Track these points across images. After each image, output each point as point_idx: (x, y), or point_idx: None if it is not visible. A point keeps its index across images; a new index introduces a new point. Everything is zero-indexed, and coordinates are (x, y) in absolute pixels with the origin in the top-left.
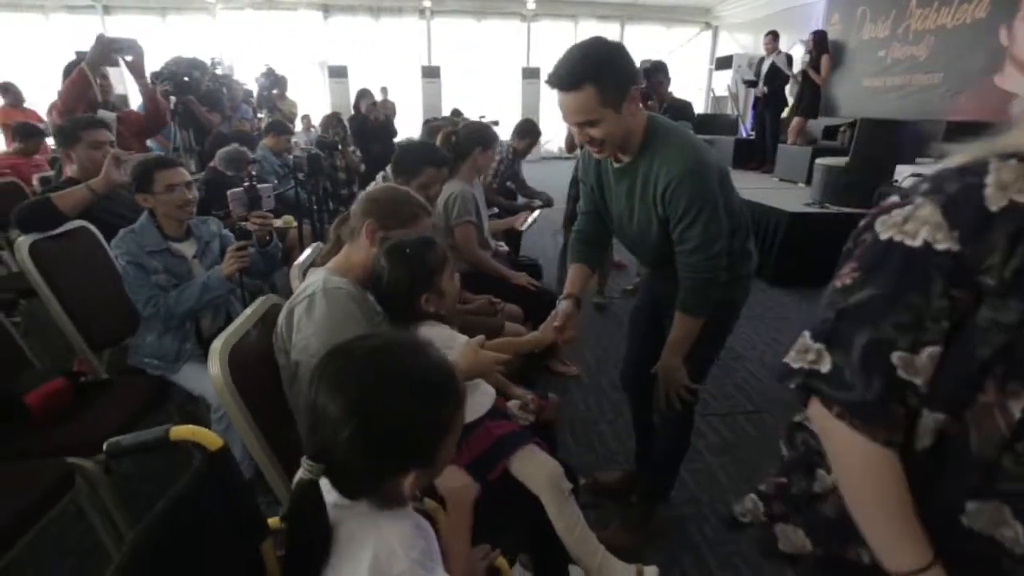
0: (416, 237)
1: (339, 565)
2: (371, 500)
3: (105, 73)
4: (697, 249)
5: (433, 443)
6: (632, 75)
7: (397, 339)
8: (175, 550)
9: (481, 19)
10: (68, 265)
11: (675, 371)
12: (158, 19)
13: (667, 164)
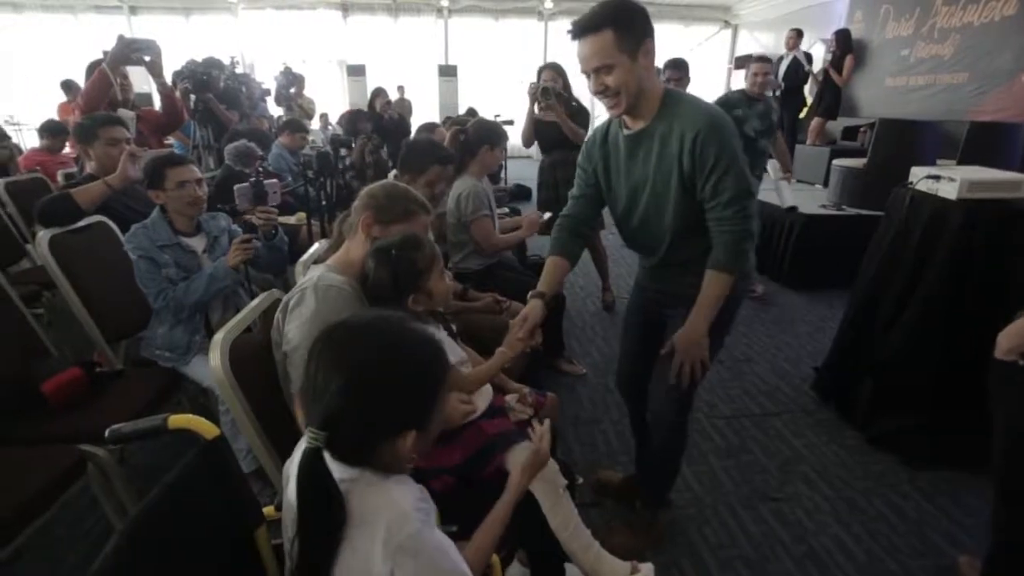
0: (404, 236)
1: (355, 536)
2: (374, 468)
3: (125, 73)
4: (733, 199)
5: (426, 406)
6: (648, 30)
7: (385, 316)
8: (168, 535)
9: (499, 18)
10: (86, 259)
11: (700, 339)
12: (182, 19)
13: (690, 119)
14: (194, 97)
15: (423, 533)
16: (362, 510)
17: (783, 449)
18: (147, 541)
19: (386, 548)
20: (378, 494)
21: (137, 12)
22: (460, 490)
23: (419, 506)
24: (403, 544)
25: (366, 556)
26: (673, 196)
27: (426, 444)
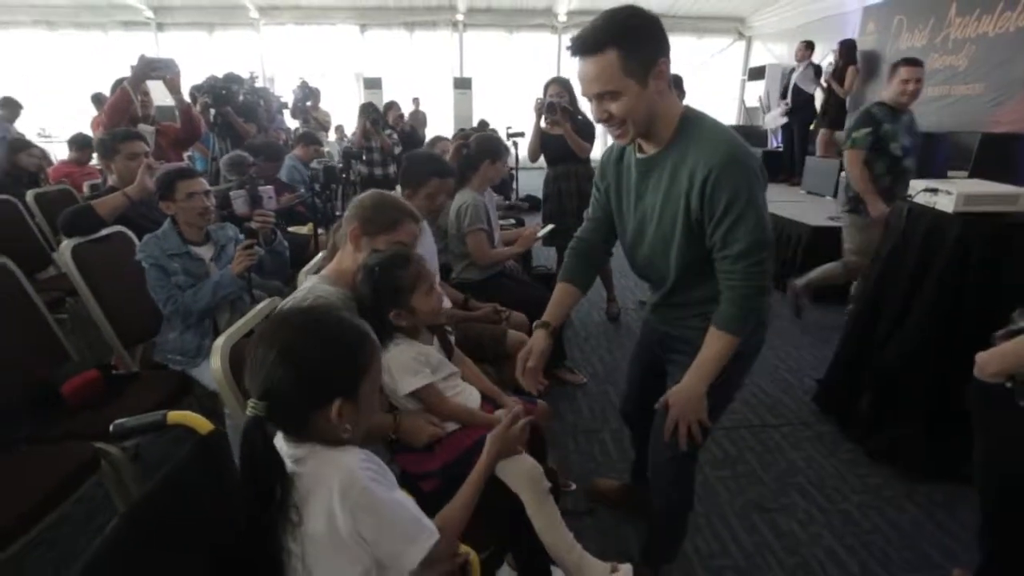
0: (393, 253)
1: (313, 502)
2: (319, 441)
3: (147, 90)
4: (746, 252)
5: (348, 379)
6: (662, 47)
7: (320, 306)
8: (165, 521)
9: (513, 31)
10: (105, 267)
11: (696, 400)
12: (205, 34)
13: (706, 152)
14: (213, 110)
15: (372, 489)
16: (315, 478)
17: (780, 461)
18: (145, 525)
19: (344, 508)
20: (326, 462)
21: (164, 28)
22: (447, 490)
23: (365, 465)
24: (358, 501)
25: (328, 518)
26: (678, 238)
27: (359, 417)
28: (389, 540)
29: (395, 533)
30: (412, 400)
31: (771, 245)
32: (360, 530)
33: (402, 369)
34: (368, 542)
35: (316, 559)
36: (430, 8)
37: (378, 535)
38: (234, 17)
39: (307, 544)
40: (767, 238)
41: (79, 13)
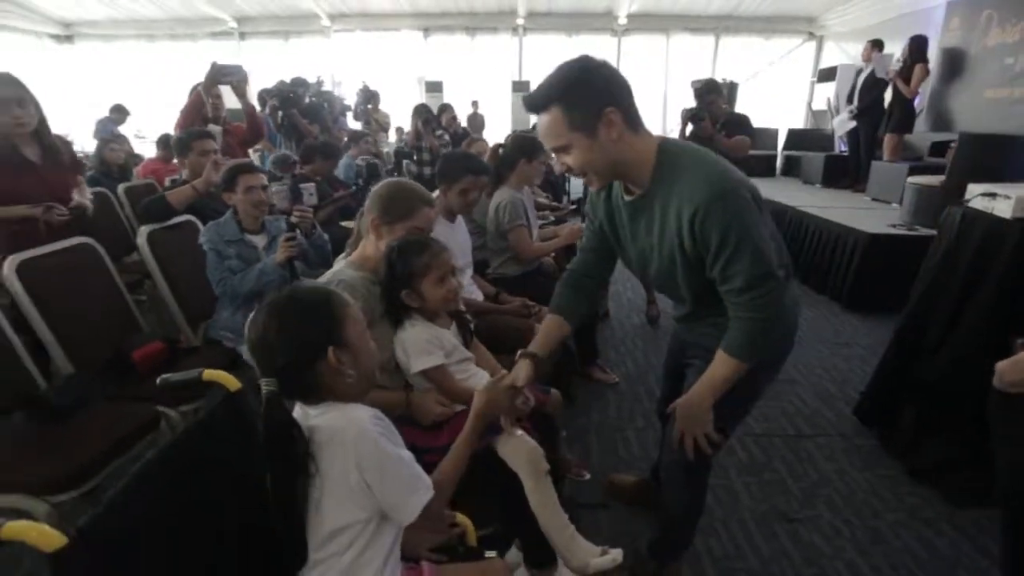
0: (411, 240)
1: (326, 453)
2: (331, 399)
3: (219, 93)
4: (749, 286)
5: (332, 329)
6: (608, 96)
7: (298, 285)
8: (192, 463)
9: (572, 35)
10: (174, 251)
11: (702, 413)
12: (282, 41)
13: (689, 190)
14: (280, 112)
15: (381, 443)
16: (330, 431)
17: (811, 472)
18: (176, 460)
19: (354, 458)
20: (340, 417)
21: (245, 37)
22: None
23: (375, 422)
24: (368, 453)
25: (342, 468)
26: (681, 273)
27: (358, 360)
28: (392, 491)
29: (397, 485)
30: (423, 379)
31: (774, 277)
32: (367, 479)
33: (416, 348)
34: (374, 491)
35: (328, 504)
36: (491, 13)
37: (382, 485)
38: (308, 25)
39: (321, 491)
40: (768, 269)
41: (174, 26)
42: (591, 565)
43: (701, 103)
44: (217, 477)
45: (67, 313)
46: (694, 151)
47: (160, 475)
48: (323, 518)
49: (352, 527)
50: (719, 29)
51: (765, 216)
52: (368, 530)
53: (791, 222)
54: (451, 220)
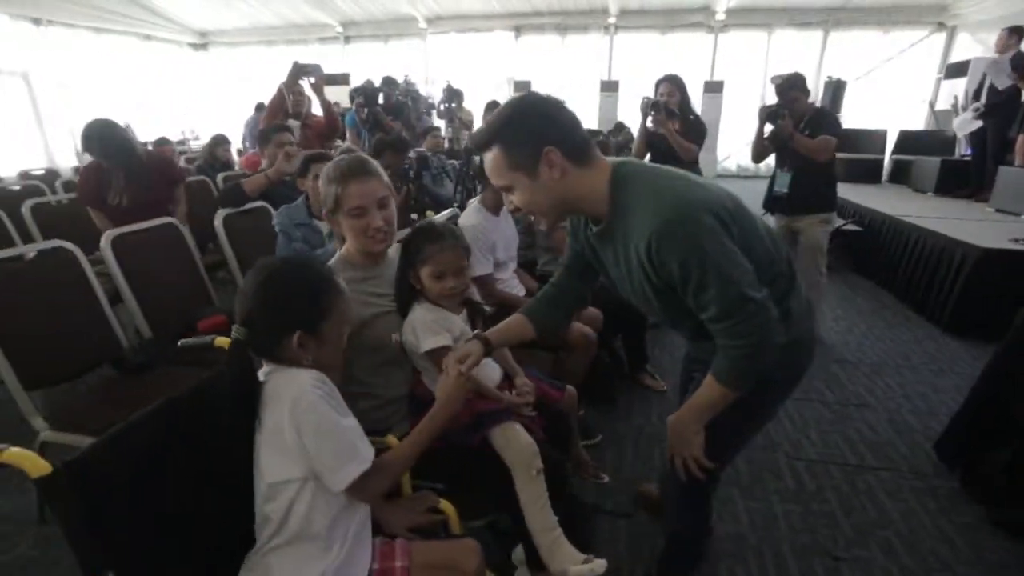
0: (430, 227)
1: (269, 411)
2: (282, 361)
3: (300, 90)
4: (723, 314)
5: (311, 316)
6: (545, 135)
7: (300, 256)
8: (198, 412)
9: (666, 32)
10: (247, 233)
11: (690, 436)
12: (382, 44)
13: (640, 222)
14: (366, 109)
15: (318, 405)
16: (275, 389)
17: (867, 508)
18: (183, 410)
19: (291, 416)
20: (284, 377)
21: (349, 41)
22: (449, 455)
23: (316, 384)
24: (304, 412)
25: (278, 423)
26: (656, 303)
27: (322, 352)
28: (325, 455)
29: (331, 450)
30: (429, 360)
31: (751, 300)
32: (303, 439)
33: (425, 329)
34: (308, 452)
35: (265, 456)
36: (582, 12)
37: (316, 447)
38: (406, 28)
39: (261, 444)
40: (740, 294)
41: (289, 32)
42: (570, 572)
43: (783, 100)
44: (208, 439)
45: (149, 284)
46: (648, 175)
47: (152, 429)
48: (262, 471)
49: (289, 484)
50: (829, 23)
51: (752, 234)
52: (307, 491)
53: (889, 233)
54: (495, 213)
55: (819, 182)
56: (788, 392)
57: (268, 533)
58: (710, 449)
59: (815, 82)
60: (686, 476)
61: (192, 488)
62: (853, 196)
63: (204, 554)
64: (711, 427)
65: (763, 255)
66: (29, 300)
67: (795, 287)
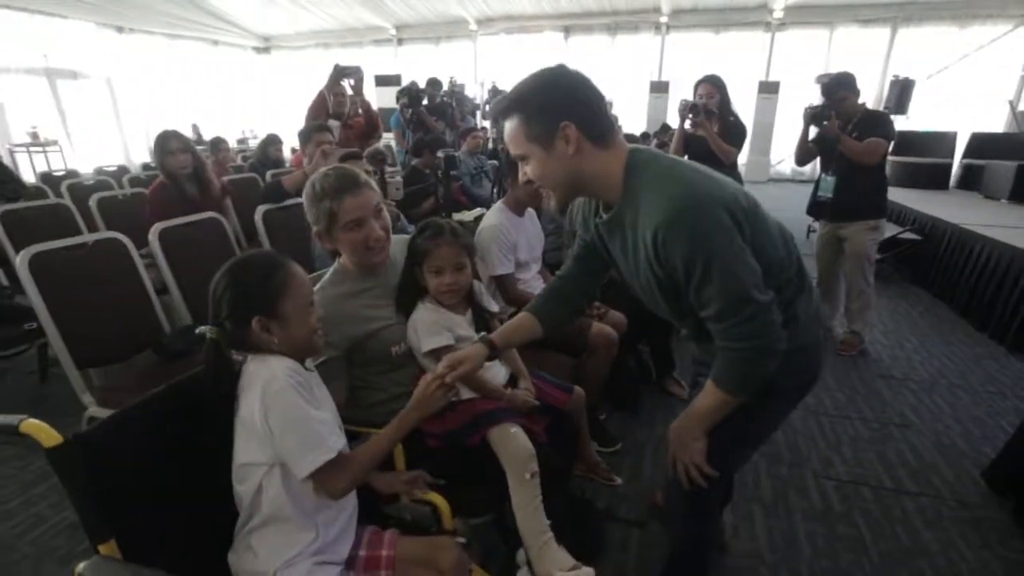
0: (433, 224)
1: (245, 394)
2: (258, 351)
3: (341, 91)
4: (724, 313)
5: (264, 300)
6: (565, 110)
7: (241, 255)
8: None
9: (720, 31)
10: (284, 229)
11: (691, 441)
12: (433, 46)
13: (650, 210)
14: (410, 110)
15: (287, 392)
16: (251, 375)
17: (900, 535)
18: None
19: (262, 401)
20: (259, 365)
21: (402, 43)
22: (449, 452)
23: (290, 372)
24: (274, 397)
25: (250, 408)
26: (660, 298)
27: (287, 331)
28: (289, 441)
29: (295, 437)
30: (431, 360)
31: (754, 301)
32: (270, 424)
33: (425, 329)
34: (274, 437)
35: (238, 441)
36: (633, 11)
37: (282, 433)
38: (456, 30)
39: (237, 427)
40: (743, 294)
41: (344, 35)
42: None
43: (829, 100)
44: (204, 422)
45: (191, 273)
46: (664, 164)
47: (155, 411)
48: (236, 452)
49: (255, 467)
50: (898, 18)
51: (764, 235)
52: (275, 476)
53: (952, 242)
54: (519, 213)
55: (867, 187)
56: (794, 402)
57: (245, 514)
58: (712, 456)
59: (880, 82)
60: (688, 483)
61: (189, 466)
62: (914, 202)
63: (199, 528)
64: (713, 434)
65: (773, 258)
66: (85, 286)
67: (804, 293)
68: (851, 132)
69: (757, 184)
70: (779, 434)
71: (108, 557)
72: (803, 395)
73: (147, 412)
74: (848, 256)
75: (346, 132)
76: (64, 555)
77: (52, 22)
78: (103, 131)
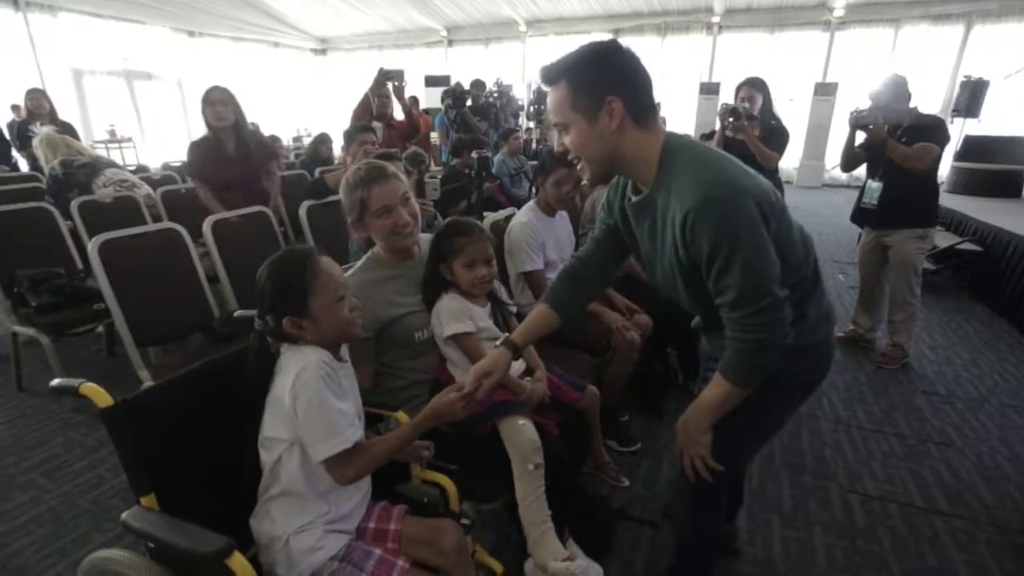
0: (463, 221)
1: (281, 376)
2: (291, 340)
3: (386, 93)
4: (739, 302)
5: (295, 301)
6: (614, 84)
7: (272, 258)
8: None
9: (775, 31)
10: (326, 225)
11: (698, 434)
12: (483, 47)
13: (683, 193)
14: (454, 111)
15: (316, 381)
16: (286, 360)
17: (927, 555)
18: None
19: (292, 387)
20: (295, 353)
21: (453, 44)
22: (460, 438)
23: (322, 363)
24: (303, 385)
25: (282, 392)
26: (680, 283)
27: (320, 325)
28: (310, 427)
29: (315, 424)
30: (452, 346)
31: (772, 295)
32: (296, 408)
33: (448, 315)
34: (297, 420)
35: (267, 415)
36: (684, 11)
37: (304, 418)
38: (506, 31)
39: (267, 403)
40: (763, 285)
41: (398, 38)
42: (549, 567)
43: (876, 104)
44: (239, 395)
45: (239, 263)
46: (700, 151)
47: (195, 382)
48: (264, 424)
49: (277, 441)
50: (973, 14)
51: (788, 234)
52: (294, 454)
53: (1016, 254)
54: (550, 214)
55: (915, 193)
56: (798, 399)
57: (265, 482)
58: (716, 451)
59: (951, 82)
60: (694, 476)
61: (221, 435)
62: (977, 211)
63: (227, 491)
64: (718, 429)
65: (792, 258)
66: (146, 272)
67: (817, 293)
68: (900, 137)
69: (811, 189)
70: (804, 443)
71: (148, 508)
72: (808, 393)
73: (188, 383)
74: (892, 266)
75: (389, 132)
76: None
77: (132, 28)
78: (173, 129)
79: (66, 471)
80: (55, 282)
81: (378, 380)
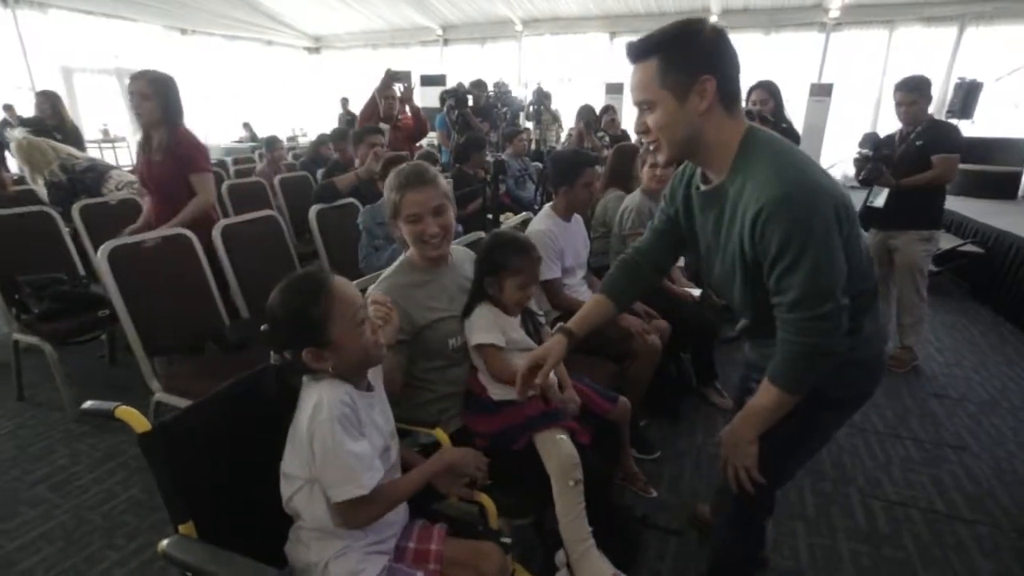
0: (522, 239)
1: (299, 412)
2: (313, 376)
3: (393, 94)
4: (799, 303)
5: (312, 333)
6: (709, 64)
7: (281, 287)
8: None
9: (770, 32)
10: (337, 227)
11: (744, 445)
12: (479, 47)
13: (759, 187)
14: (456, 111)
15: (330, 422)
16: (306, 395)
17: (953, 561)
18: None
19: (309, 425)
20: (310, 390)
21: (448, 43)
22: (494, 454)
23: (341, 402)
24: (318, 426)
25: (300, 427)
26: (738, 280)
27: (341, 355)
28: (324, 470)
29: (330, 467)
30: (478, 355)
31: (832, 297)
32: (313, 447)
33: (479, 325)
34: (315, 460)
35: (288, 446)
36: (681, 11)
37: (321, 460)
38: (503, 31)
39: (289, 432)
40: (827, 289)
41: (393, 36)
42: None
43: (877, 154)
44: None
45: (249, 269)
46: (785, 146)
47: (228, 402)
48: (285, 456)
49: (295, 477)
50: (966, 17)
51: (855, 241)
52: (315, 492)
53: (1018, 256)
54: (567, 219)
55: (921, 195)
56: (845, 415)
57: (293, 513)
58: (762, 464)
59: (944, 84)
60: (738, 489)
61: (254, 457)
62: (977, 213)
63: (264, 514)
64: (763, 441)
65: (857, 267)
66: (154, 279)
67: (875, 308)
68: (915, 140)
69: None
70: (823, 450)
71: (187, 536)
72: (855, 410)
73: (218, 404)
74: (899, 268)
75: (395, 134)
76: (132, 530)
77: (123, 25)
78: None
79: (73, 484)
80: (58, 288)
81: (404, 393)
